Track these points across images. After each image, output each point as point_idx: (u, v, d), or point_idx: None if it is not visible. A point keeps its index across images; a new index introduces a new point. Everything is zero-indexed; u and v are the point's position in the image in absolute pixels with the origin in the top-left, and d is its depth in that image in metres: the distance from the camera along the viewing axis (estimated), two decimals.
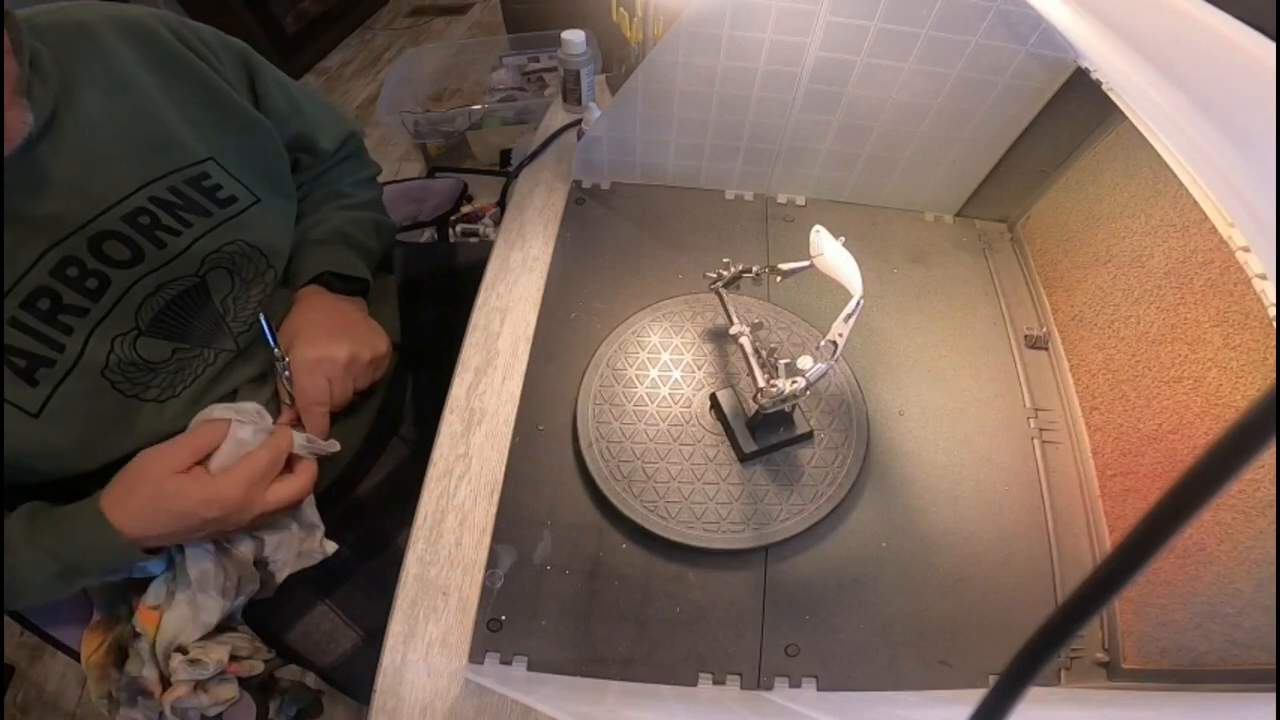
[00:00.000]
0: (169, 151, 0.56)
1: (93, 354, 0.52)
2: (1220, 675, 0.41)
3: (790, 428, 0.55)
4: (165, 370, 0.57)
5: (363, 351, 0.62)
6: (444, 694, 0.46)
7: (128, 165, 0.53)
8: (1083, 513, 0.55)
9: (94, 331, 0.52)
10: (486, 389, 0.60)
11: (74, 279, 0.51)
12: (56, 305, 0.50)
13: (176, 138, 0.56)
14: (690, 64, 0.60)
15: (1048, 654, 0.16)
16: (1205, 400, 0.45)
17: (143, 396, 0.56)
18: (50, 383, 0.50)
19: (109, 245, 0.52)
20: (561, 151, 0.79)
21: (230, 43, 0.63)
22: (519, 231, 0.71)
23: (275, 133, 0.64)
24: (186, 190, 0.57)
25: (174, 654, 0.56)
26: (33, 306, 0.49)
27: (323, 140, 0.71)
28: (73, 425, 0.52)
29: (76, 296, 0.51)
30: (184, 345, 0.58)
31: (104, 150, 0.52)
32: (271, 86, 0.65)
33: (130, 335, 0.54)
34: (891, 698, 0.48)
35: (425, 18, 2.61)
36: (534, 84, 1.85)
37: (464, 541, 0.52)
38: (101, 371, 0.53)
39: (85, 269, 0.51)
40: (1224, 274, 0.45)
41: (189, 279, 0.57)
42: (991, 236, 0.73)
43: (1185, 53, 0.34)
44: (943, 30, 0.54)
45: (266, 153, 0.63)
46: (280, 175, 0.66)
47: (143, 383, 0.56)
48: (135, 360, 0.55)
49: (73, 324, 0.51)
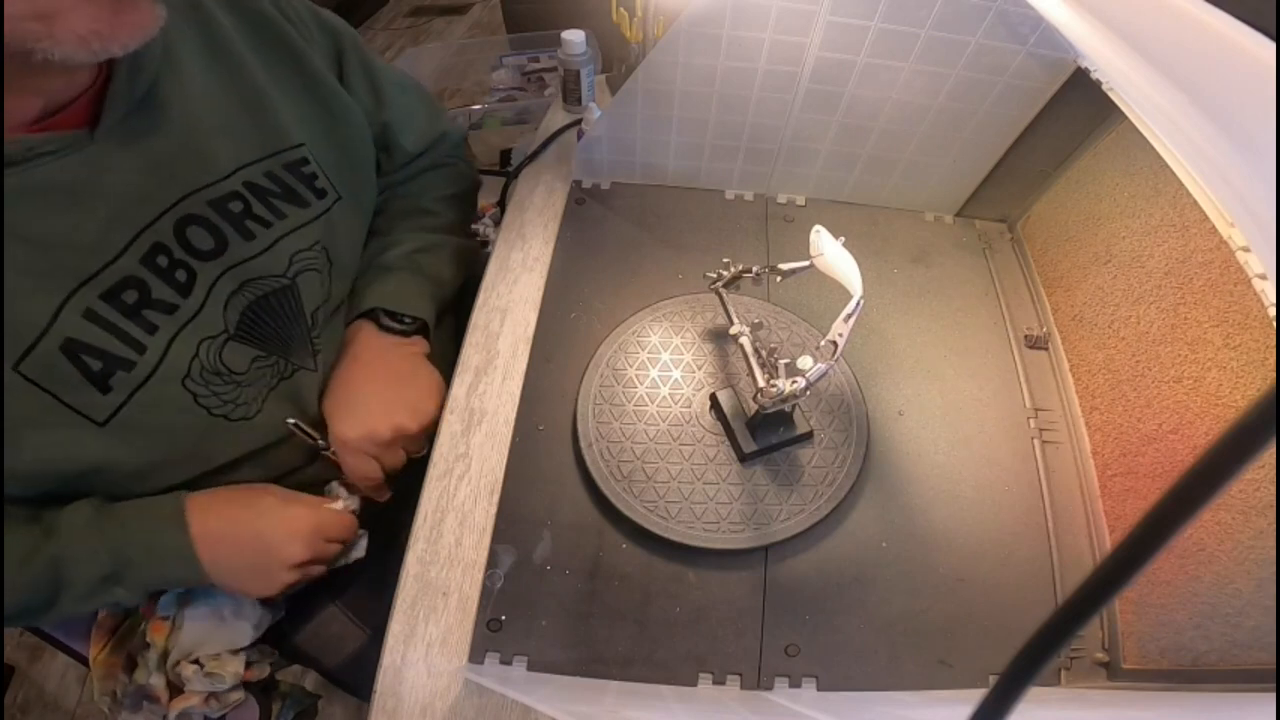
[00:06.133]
0: (268, 132, 0.50)
1: (176, 359, 0.45)
2: (1220, 675, 0.41)
3: (790, 428, 0.55)
4: (243, 383, 0.51)
5: (408, 424, 0.56)
6: (444, 694, 0.46)
7: (226, 144, 0.48)
8: (1083, 513, 0.55)
9: (180, 332, 0.46)
10: (486, 389, 0.60)
11: (164, 269, 0.44)
12: (144, 298, 0.44)
13: (276, 117, 0.50)
14: (690, 64, 0.60)
15: (1048, 654, 0.16)
16: (1205, 400, 0.45)
17: (231, 415, 0.50)
18: (125, 390, 0.44)
19: (192, 231, 0.46)
20: (561, 151, 0.79)
21: (323, 18, 0.57)
22: (519, 231, 0.71)
23: (365, 122, 0.58)
24: (284, 176, 0.51)
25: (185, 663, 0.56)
26: (116, 299, 0.42)
27: (405, 139, 0.64)
28: (140, 440, 0.46)
29: (166, 290, 0.45)
30: (262, 354, 0.52)
31: (203, 126, 0.46)
32: (357, 70, 0.59)
33: (219, 339, 0.48)
34: (891, 698, 0.48)
35: (425, 18, 2.61)
36: (534, 84, 1.85)
37: (464, 541, 0.52)
38: (183, 380, 0.46)
39: (173, 258, 0.45)
40: (1224, 274, 0.45)
41: (276, 279, 0.51)
42: (991, 236, 0.73)
43: (1185, 53, 0.34)
44: (943, 30, 0.54)
45: (354, 144, 0.58)
46: (365, 174, 0.60)
47: (225, 398, 0.50)
48: (219, 369, 0.48)
49: (159, 321, 0.44)
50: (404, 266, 0.62)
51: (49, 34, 0.33)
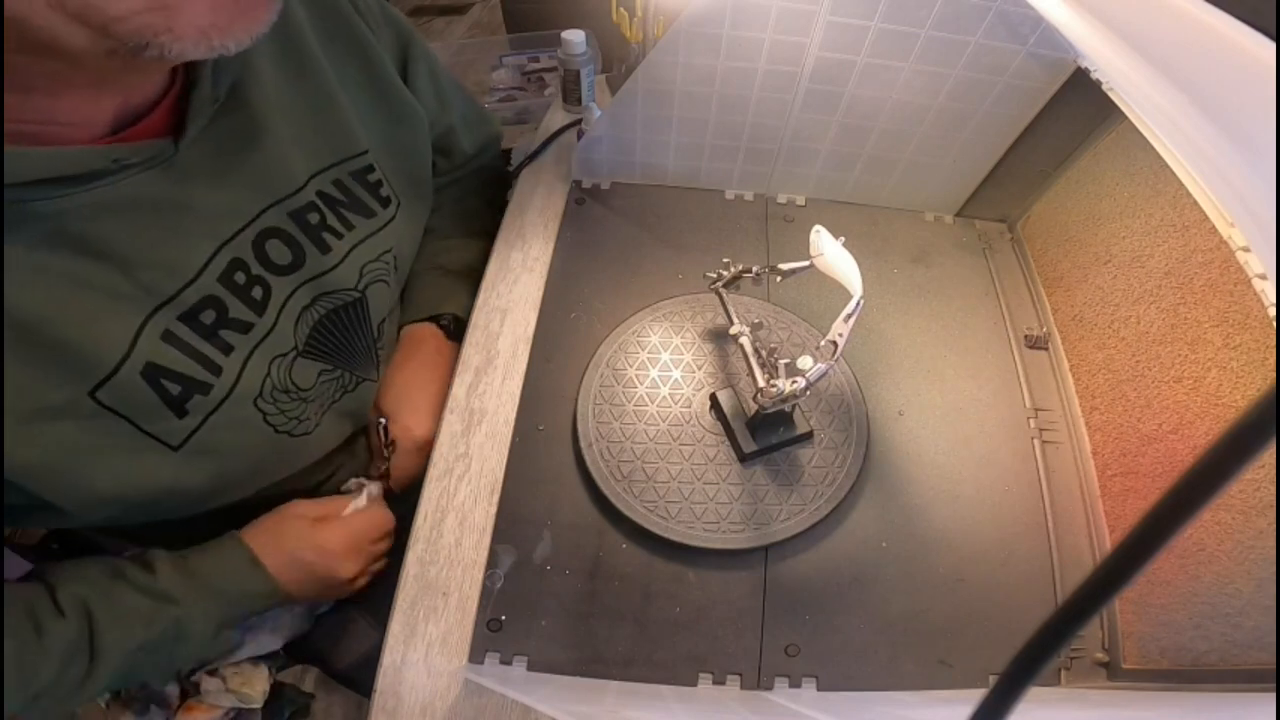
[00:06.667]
0: (337, 137, 0.47)
1: (250, 379, 0.43)
2: (1220, 675, 0.41)
3: (790, 428, 0.55)
4: (309, 399, 0.50)
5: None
6: (444, 694, 0.46)
7: (300, 150, 0.45)
8: (1083, 513, 0.55)
9: (254, 351, 0.44)
10: (486, 389, 0.60)
11: (241, 287, 0.42)
12: (221, 319, 0.41)
13: (344, 121, 0.47)
14: (690, 64, 0.60)
15: (1048, 654, 0.16)
16: (1205, 400, 0.45)
17: (294, 432, 0.49)
18: (201, 413, 0.41)
19: (271, 246, 0.43)
20: (561, 151, 0.79)
21: (391, 14, 0.54)
22: (519, 231, 0.71)
23: (426, 126, 0.56)
24: (352, 185, 0.48)
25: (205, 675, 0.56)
26: (195, 319, 0.40)
27: (464, 142, 0.62)
28: (211, 463, 0.44)
29: (242, 308, 0.42)
30: (328, 369, 0.50)
31: (280, 131, 0.43)
32: (422, 72, 0.56)
33: (289, 357, 0.46)
34: (891, 698, 0.48)
35: (425, 18, 2.61)
36: (534, 84, 1.85)
37: (464, 541, 0.52)
38: (255, 400, 0.44)
39: (250, 274, 0.42)
40: (1224, 274, 0.45)
41: (349, 293, 0.49)
42: (991, 236, 0.73)
43: (1185, 53, 0.34)
44: (943, 30, 0.54)
45: (416, 149, 0.55)
46: (423, 179, 0.58)
47: (291, 415, 0.48)
48: (288, 387, 0.47)
49: (234, 342, 0.42)
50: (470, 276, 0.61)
51: (168, 27, 0.30)
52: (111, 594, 0.43)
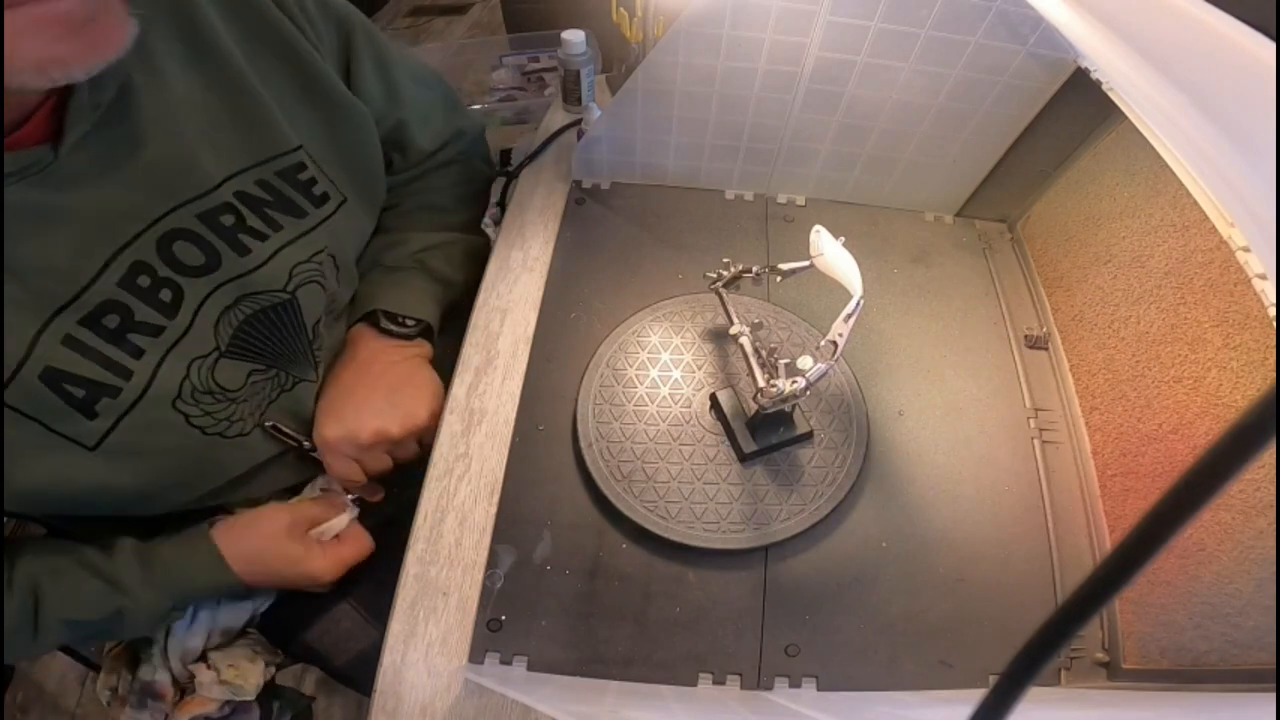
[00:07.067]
0: (260, 136, 0.47)
1: (164, 381, 0.43)
2: (1220, 675, 0.41)
3: (790, 428, 0.55)
4: (239, 399, 0.49)
5: (390, 427, 0.54)
6: (444, 694, 0.46)
7: (213, 152, 0.44)
8: (1083, 513, 0.55)
9: (168, 354, 0.43)
10: (486, 389, 0.60)
11: (146, 290, 0.42)
12: (127, 322, 0.41)
13: (268, 119, 0.47)
14: (690, 64, 0.60)
15: (1048, 654, 0.16)
16: (1205, 400, 0.45)
17: (227, 434, 0.49)
18: (112, 415, 0.42)
19: (179, 247, 0.43)
20: (561, 151, 0.79)
21: (331, 7, 0.53)
22: (519, 231, 0.71)
23: (371, 121, 0.55)
24: (278, 184, 0.48)
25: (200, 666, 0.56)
26: (97, 324, 0.40)
27: (420, 137, 0.61)
28: (135, 463, 0.44)
29: (150, 312, 0.42)
30: (260, 369, 0.50)
31: (186, 133, 0.43)
32: (367, 63, 0.55)
33: (210, 358, 0.46)
34: (891, 698, 0.48)
35: (425, 18, 2.61)
36: (534, 84, 1.85)
37: (464, 541, 0.52)
38: (173, 402, 0.44)
39: (157, 277, 0.42)
40: (1224, 274, 0.45)
41: (277, 294, 0.49)
42: (991, 236, 0.73)
43: (1185, 53, 0.34)
44: (943, 30, 0.54)
45: (359, 144, 0.54)
46: (371, 174, 0.57)
47: (220, 417, 0.48)
48: (211, 388, 0.46)
49: (144, 345, 0.42)
50: (408, 266, 0.60)
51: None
52: (64, 575, 0.45)
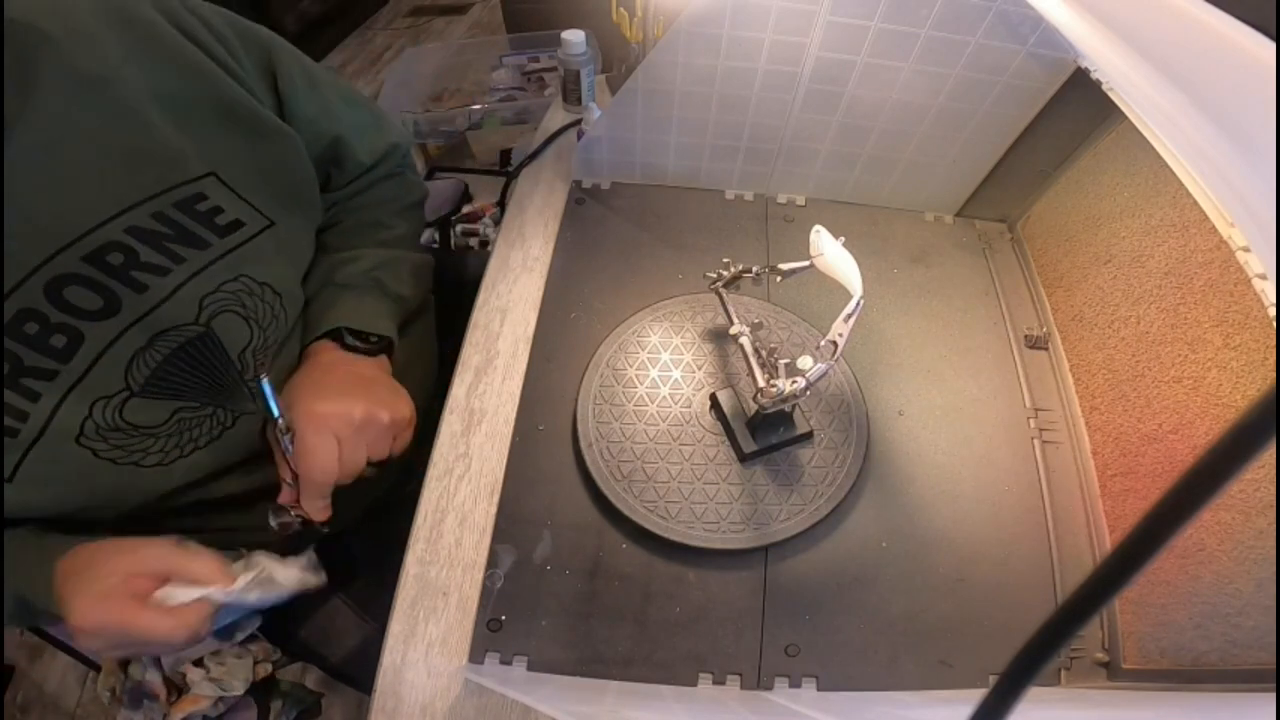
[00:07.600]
0: (155, 168, 0.45)
1: (64, 421, 0.43)
2: (1220, 675, 0.41)
3: (790, 428, 0.55)
4: (163, 434, 0.48)
5: (380, 412, 0.52)
6: (444, 694, 0.46)
7: (97, 189, 0.43)
8: (1083, 513, 0.55)
9: (67, 396, 0.43)
10: (486, 389, 0.60)
11: (34, 336, 0.41)
12: (17, 369, 0.41)
13: (166, 150, 0.45)
14: (690, 64, 0.60)
15: (1048, 654, 0.16)
16: (1205, 400, 0.45)
17: (141, 464, 0.48)
18: (16, 451, 0.42)
19: (71, 292, 0.42)
20: (561, 151, 0.79)
21: (248, 31, 0.52)
22: (519, 231, 0.71)
23: (299, 142, 0.54)
24: (177, 216, 0.46)
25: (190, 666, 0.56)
26: None
27: (358, 152, 0.60)
28: (52, 490, 0.45)
29: (39, 358, 0.42)
30: (189, 405, 0.49)
31: (65, 174, 0.41)
32: (297, 84, 0.54)
33: (117, 398, 0.46)
34: (891, 698, 0.48)
35: (425, 18, 2.61)
36: (534, 84, 1.85)
37: (464, 541, 0.52)
38: (76, 439, 0.44)
39: (49, 323, 0.42)
40: (1224, 274, 0.45)
41: (189, 328, 0.48)
42: (991, 236, 0.73)
43: (1185, 53, 0.34)
44: (943, 30, 0.54)
45: (287, 166, 0.53)
46: (303, 194, 0.56)
47: (136, 449, 0.47)
48: (120, 425, 0.46)
49: (39, 389, 0.42)
50: (365, 284, 0.59)
51: None
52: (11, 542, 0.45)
